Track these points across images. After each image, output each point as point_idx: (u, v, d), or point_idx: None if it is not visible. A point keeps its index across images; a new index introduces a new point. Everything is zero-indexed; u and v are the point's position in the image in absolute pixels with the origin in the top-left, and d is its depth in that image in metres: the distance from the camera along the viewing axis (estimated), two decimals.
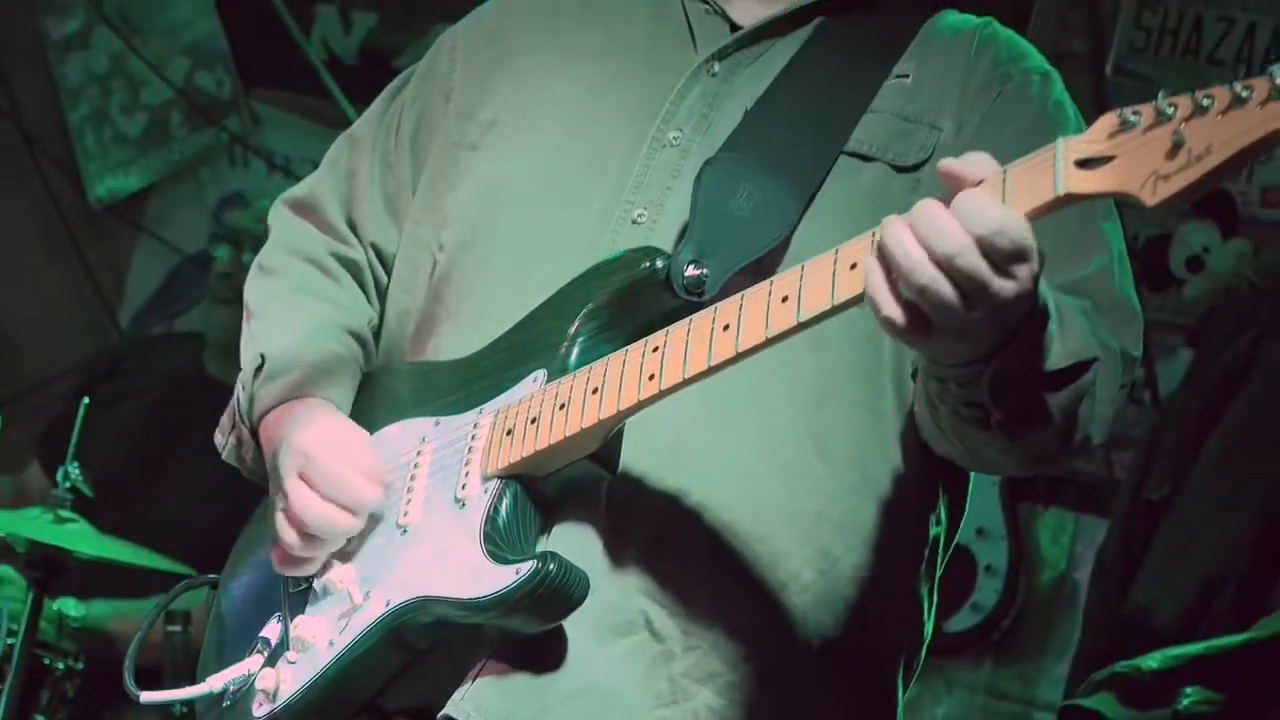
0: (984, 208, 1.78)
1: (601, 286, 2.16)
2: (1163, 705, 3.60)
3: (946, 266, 1.78)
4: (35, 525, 3.82)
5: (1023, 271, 1.81)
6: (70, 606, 4.11)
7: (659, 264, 2.12)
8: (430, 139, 2.45)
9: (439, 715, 2.11)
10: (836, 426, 2.21)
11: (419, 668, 2.16)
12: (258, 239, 4.63)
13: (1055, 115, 2.31)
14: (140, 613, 4.18)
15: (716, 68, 2.34)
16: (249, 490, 2.54)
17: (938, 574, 2.36)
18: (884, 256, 1.80)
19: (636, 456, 2.15)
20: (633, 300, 2.15)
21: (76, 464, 3.86)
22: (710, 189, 2.19)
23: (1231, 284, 4.36)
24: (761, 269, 2.13)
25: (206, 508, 4.27)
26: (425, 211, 2.41)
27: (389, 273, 2.47)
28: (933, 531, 2.31)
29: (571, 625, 2.09)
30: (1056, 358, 1.98)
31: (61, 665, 3.98)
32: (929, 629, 2.36)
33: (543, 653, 2.11)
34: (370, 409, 2.35)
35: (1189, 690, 3.60)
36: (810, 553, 2.19)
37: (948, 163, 1.85)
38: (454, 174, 2.39)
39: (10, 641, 3.81)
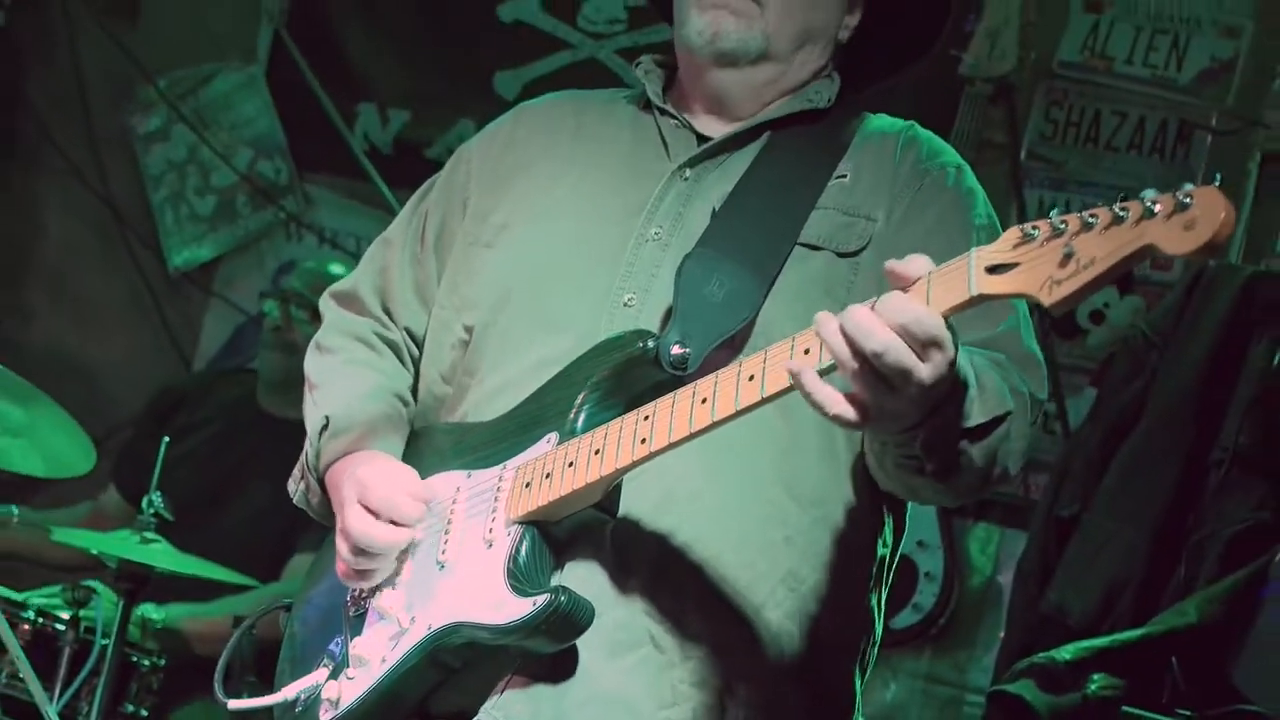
0: (903, 306, 1.83)
1: (603, 363, 2.20)
2: (1074, 690, 3.62)
3: (875, 361, 1.82)
4: (124, 545, 3.80)
5: (938, 358, 1.85)
6: (152, 611, 4.11)
7: (650, 344, 2.17)
8: (451, 239, 2.50)
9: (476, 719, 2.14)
10: (802, 471, 2.25)
11: (456, 680, 2.23)
12: (300, 296, 4.67)
13: (966, 200, 2.36)
14: (209, 615, 4.21)
15: (688, 173, 2.38)
16: (298, 512, 2.56)
17: (886, 586, 2.39)
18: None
19: (634, 503, 2.19)
20: (628, 374, 2.19)
21: (159, 493, 3.84)
22: (689, 280, 2.24)
23: (1128, 334, 4.36)
24: (734, 344, 2.20)
25: (263, 527, 4.29)
26: (448, 299, 2.46)
27: (420, 349, 2.49)
28: (880, 551, 2.35)
29: (585, 643, 2.14)
30: (977, 416, 2.02)
31: (146, 661, 3.96)
32: (880, 630, 2.41)
33: (560, 667, 2.16)
34: (416, 460, 2.37)
35: (1096, 677, 3.62)
36: (782, 574, 2.24)
37: (891, 264, 1.88)
38: (472, 268, 2.43)
39: (104, 643, 3.79)
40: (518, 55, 5.55)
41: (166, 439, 3.95)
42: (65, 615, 3.87)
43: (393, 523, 2.25)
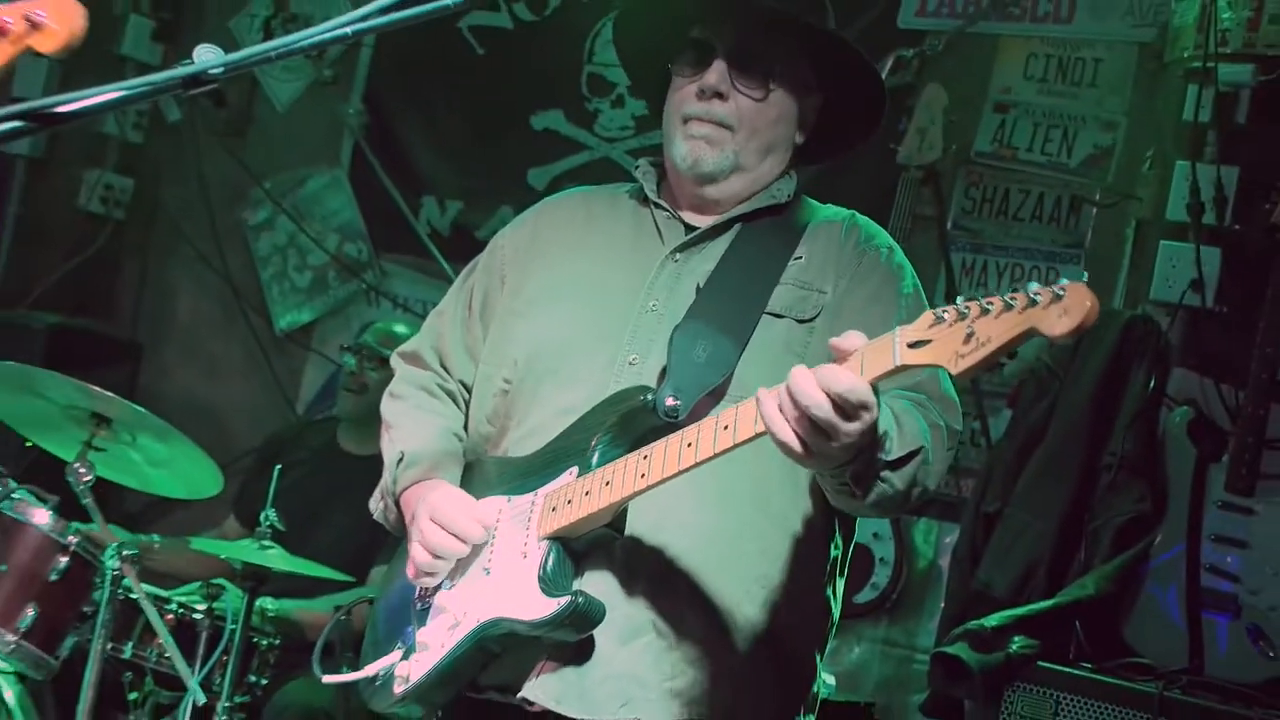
0: (836, 376, 1.89)
1: (613, 411, 2.24)
2: (999, 649, 3.64)
3: (810, 415, 1.90)
4: (247, 551, 3.83)
5: (866, 417, 1.92)
6: (269, 603, 4.13)
7: (649, 398, 2.22)
8: (492, 309, 2.53)
9: (517, 695, 2.20)
10: (770, 494, 2.29)
11: (499, 661, 2.24)
12: (369, 349, 4.70)
13: (896, 274, 2.41)
14: (314, 608, 4.23)
15: (677, 257, 2.42)
16: (374, 532, 2.62)
17: (841, 577, 2.43)
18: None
19: (637, 523, 2.24)
20: (633, 421, 2.23)
21: (273, 510, 3.88)
22: (679, 346, 2.27)
23: (1035, 366, 4.36)
24: (716, 394, 2.25)
25: (346, 544, 4.31)
26: (491, 358, 2.49)
27: (470, 396, 2.53)
28: (833, 553, 2.41)
29: (600, 633, 2.18)
30: (896, 451, 2.09)
31: (265, 643, 4.00)
32: (836, 615, 2.43)
33: (582, 653, 2.21)
34: (469, 487, 2.40)
35: (1016, 639, 3.65)
36: (756, 576, 2.29)
37: (832, 341, 1.95)
38: (508, 333, 2.47)
39: (232, 628, 3.83)
40: (546, 155, 5.57)
41: (278, 468, 3.99)
42: (202, 607, 3.91)
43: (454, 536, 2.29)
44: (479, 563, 2.28)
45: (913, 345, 1.84)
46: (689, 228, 2.45)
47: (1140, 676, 3.61)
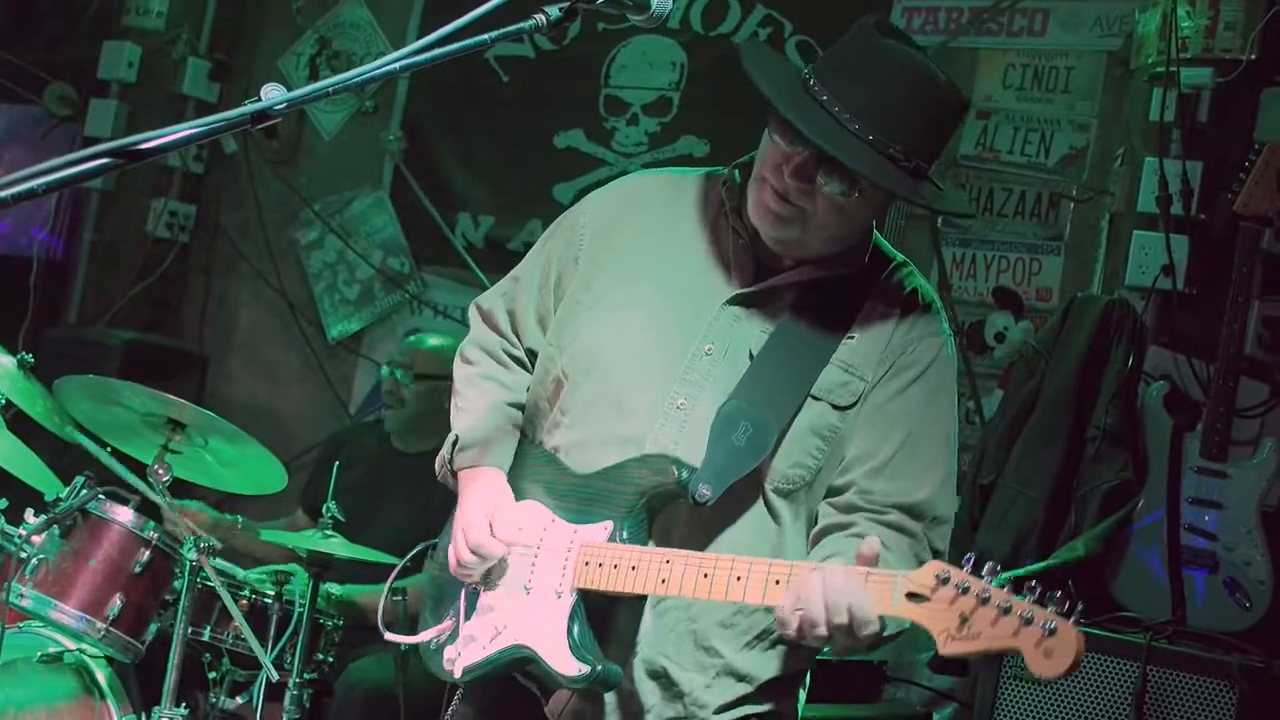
0: (856, 599, 1.86)
1: (649, 479, 2.13)
2: None
3: (829, 622, 1.87)
4: (312, 540, 3.83)
5: (869, 630, 1.88)
6: (333, 588, 4.11)
7: (684, 478, 2.10)
8: (564, 286, 2.34)
9: (544, 708, 2.21)
10: (786, 550, 2.22)
11: (535, 667, 2.18)
12: (399, 363, 4.64)
13: (933, 376, 2.22)
14: (375, 592, 4.19)
15: (737, 309, 2.21)
16: (427, 523, 2.58)
17: None
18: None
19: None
20: (664, 493, 2.14)
21: (334, 502, 3.88)
22: (722, 428, 2.12)
23: (1023, 349, 4.37)
24: (748, 479, 2.13)
25: (404, 530, 4.26)
26: (555, 340, 2.33)
27: (534, 361, 2.41)
28: None
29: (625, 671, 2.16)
30: (890, 629, 1.96)
31: (329, 623, 3.97)
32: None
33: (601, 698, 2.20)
34: (519, 474, 2.32)
35: None
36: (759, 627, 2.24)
37: (859, 549, 1.91)
38: (572, 323, 2.30)
39: (300, 610, 3.83)
40: (569, 171, 5.56)
41: (337, 464, 4.00)
42: (272, 592, 3.91)
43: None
44: (523, 575, 2.21)
45: (911, 597, 1.79)
46: (759, 268, 2.22)
47: (1128, 629, 3.61)
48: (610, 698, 2.19)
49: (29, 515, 3.63)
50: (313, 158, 6.19)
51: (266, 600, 3.90)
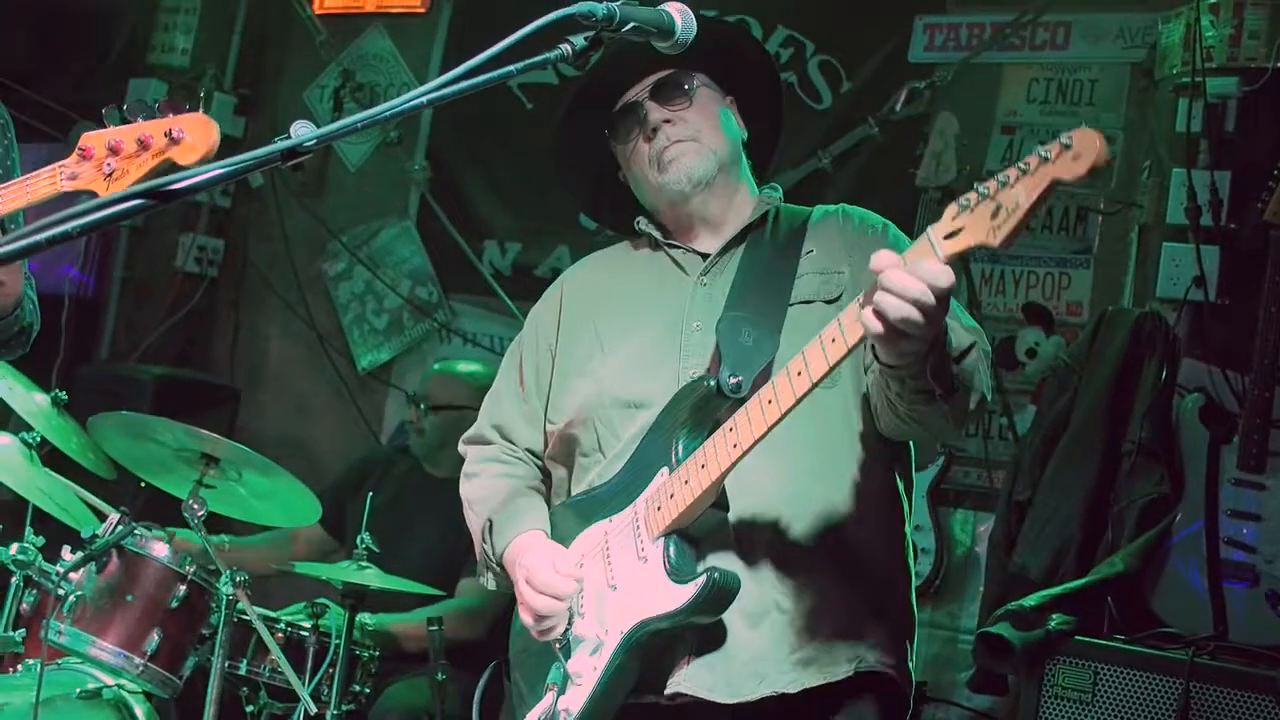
0: (923, 264, 1.84)
1: (683, 407, 2.23)
2: (1039, 627, 3.59)
3: (918, 303, 1.84)
4: (347, 571, 3.83)
5: (947, 301, 1.87)
6: (368, 618, 4.11)
7: (712, 382, 2.18)
8: (545, 378, 2.52)
9: (666, 692, 2.18)
10: (833, 448, 2.28)
11: (650, 664, 2.19)
12: (425, 396, 4.64)
13: (895, 244, 2.32)
14: (408, 620, 4.21)
15: (704, 280, 2.42)
16: (459, 546, 2.59)
17: (910, 515, 2.39)
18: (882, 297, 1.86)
19: (738, 503, 2.20)
20: (703, 408, 2.19)
21: (368, 533, 3.88)
22: (726, 333, 2.28)
23: (1055, 364, 4.35)
24: (767, 373, 2.22)
25: (436, 554, 4.31)
26: (557, 415, 2.48)
27: (539, 458, 2.51)
28: (900, 488, 2.39)
29: (731, 618, 2.14)
30: (955, 345, 2.05)
31: (366, 654, 3.97)
32: (913, 552, 2.40)
33: (720, 641, 2.18)
34: (564, 530, 2.36)
35: (1055, 616, 3.60)
36: (851, 531, 2.29)
37: (873, 262, 1.89)
38: (569, 389, 2.46)
39: (337, 642, 3.82)
40: None
41: (370, 494, 4.00)
42: (308, 625, 3.91)
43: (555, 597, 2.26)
44: (602, 584, 2.24)
45: (948, 237, 1.81)
46: (704, 255, 2.45)
47: (1170, 645, 3.57)
48: (733, 639, 2.18)
49: (66, 552, 3.65)
50: (339, 189, 6.22)
51: (303, 633, 3.90)
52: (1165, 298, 4.29)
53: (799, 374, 1.98)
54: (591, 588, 2.26)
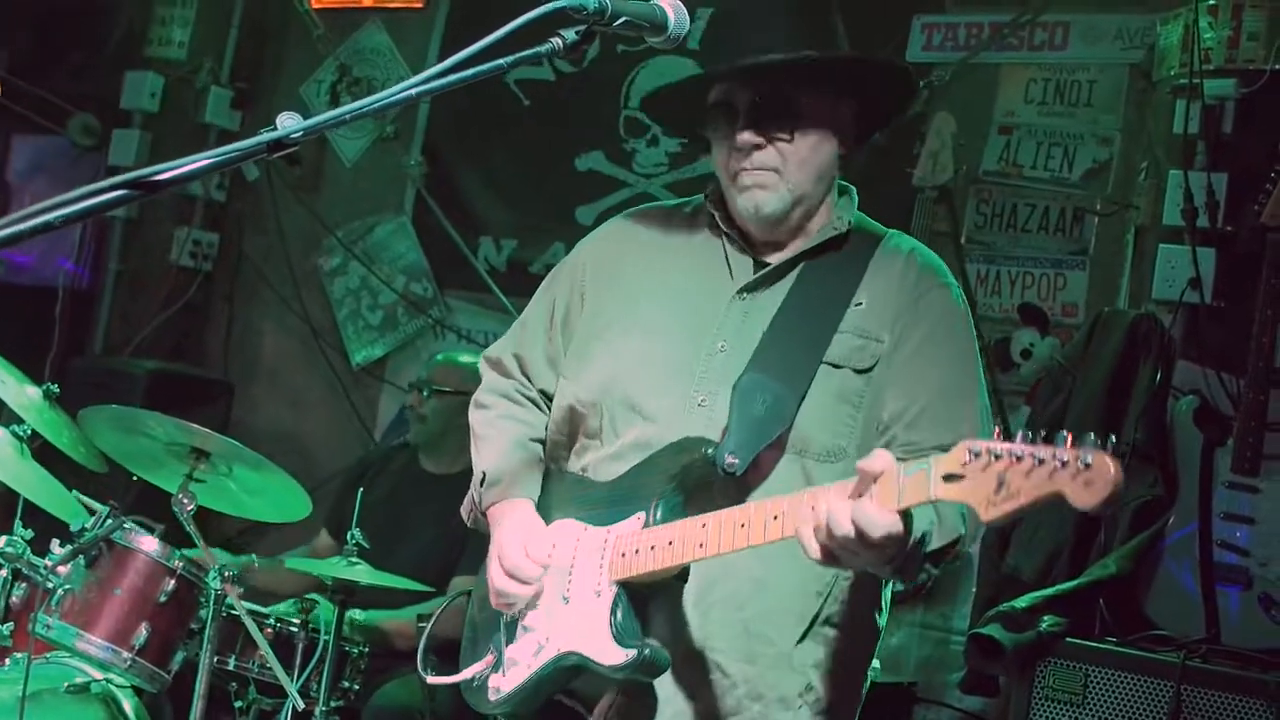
0: (873, 521, 1.83)
1: (677, 461, 2.16)
2: (1030, 629, 3.58)
3: (844, 545, 1.84)
4: (336, 567, 3.82)
5: (891, 545, 1.85)
6: (358, 614, 4.11)
7: (710, 453, 2.12)
8: (573, 324, 2.44)
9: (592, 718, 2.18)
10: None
11: (583, 679, 2.19)
12: (424, 381, 4.64)
13: (947, 320, 2.28)
14: (399, 617, 4.20)
15: (745, 297, 2.30)
16: (454, 544, 2.57)
17: (887, 596, 2.36)
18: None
19: (699, 569, 2.16)
20: (694, 473, 2.15)
21: (359, 529, 3.87)
22: (741, 401, 2.17)
23: (1049, 365, 4.34)
24: (776, 446, 2.16)
25: (431, 552, 4.29)
26: (571, 373, 2.40)
27: (550, 403, 2.45)
28: (883, 590, 2.34)
29: (670, 672, 2.15)
30: (936, 542, 2.02)
31: (356, 651, 3.97)
32: (884, 629, 2.36)
33: (652, 693, 2.18)
34: (548, 500, 2.35)
35: (1046, 618, 3.59)
36: (818, 616, 2.23)
37: (861, 464, 1.86)
38: (586, 354, 2.38)
39: (326, 639, 3.82)
40: (591, 193, 5.57)
41: (361, 490, 3.99)
42: (297, 621, 3.90)
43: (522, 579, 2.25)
44: (559, 588, 2.23)
45: (947, 479, 1.77)
46: (757, 263, 2.33)
47: (1162, 647, 3.56)
48: (662, 692, 2.18)
49: (54, 546, 3.64)
50: (335, 184, 6.21)
51: (292, 628, 3.89)
52: (1161, 299, 4.28)
53: (775, 518, 1.96)
54: (551, 585, 2.25)
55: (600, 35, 1.85)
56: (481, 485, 2.41)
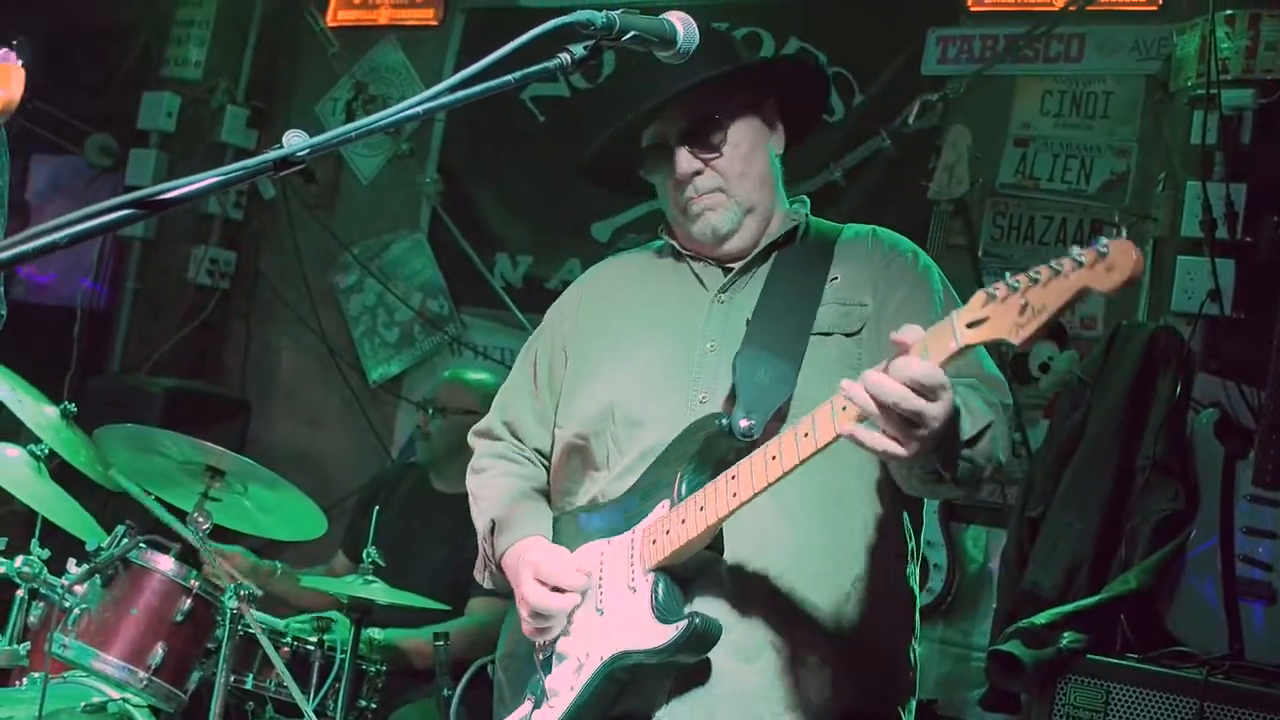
0: (909, 365, 1.81)
1: (693, 441, 2.17)
2: (1050, 645, 3.55)
3: (895, 409, 1.81)
4: (353, 586, 3.82)
5: (945, 396, 1.84)
6: (375, 632, 4.09)
7: (724, 422, 2.14)
8: (558, 380, 2.49)
9: None
10: (850, 497, 2.24)
11: (627, 693, 2.17)
12: (433, 400, 4.64)
13: (924, 274, 2.35)
14: (415, 635, 4.19)
15: (722, 298, 2.38)
16: (463, 564, 2.58)
17: (915, 567, 2.35)
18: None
19: (734, 544, 2.16)
20: (711, 447, 2.15)
21: (374, 548, 3.87)
22: (743, 370, 2.22)
23: (1068, 378, 4.31)
24: (782, 414, 2.18)
25: (445, 571, 4.28)
26: (565, 418, 2.44)
27: (548, 459, 2.47)
28: (909, 544, 2.32)
29: (721, 655, 2.11)
30: (969, 430, 2.00)
31: (372, 669, 3.96)
32: (919, 596, 2.36)
33: (706, 676, 2.14)
34: (562, 540, 2.34)
35: (1066, 634, 3.56)
36: (851, 579, 2.24)
37: (893, 335, 1.87)
38: (579, 394, 2.42)
39: (342, 657, 3.81)
40: (606, 210, 5.56)
41: (376, 508, 3.98)
42: (314, 639, 3.90)
43: (559, 590, 2.23)
44: (590, 605, 2.22)
45: (971, 325, 1.77)
46: (726, 269, 2.41)
47: (1185, 664, 3.52)
48: (722, 674, 2.14)
49: (71, 565, 3.64)
50: (350, 202, 6.23)
51: (308, 647, 3.88)
52: (1180, 312, 4.26)
53: (805, 435, 1.95)
54: (582, 605, 2.23)
55: (612, 51, 1.85)
56: (491, 534, 2.41)
